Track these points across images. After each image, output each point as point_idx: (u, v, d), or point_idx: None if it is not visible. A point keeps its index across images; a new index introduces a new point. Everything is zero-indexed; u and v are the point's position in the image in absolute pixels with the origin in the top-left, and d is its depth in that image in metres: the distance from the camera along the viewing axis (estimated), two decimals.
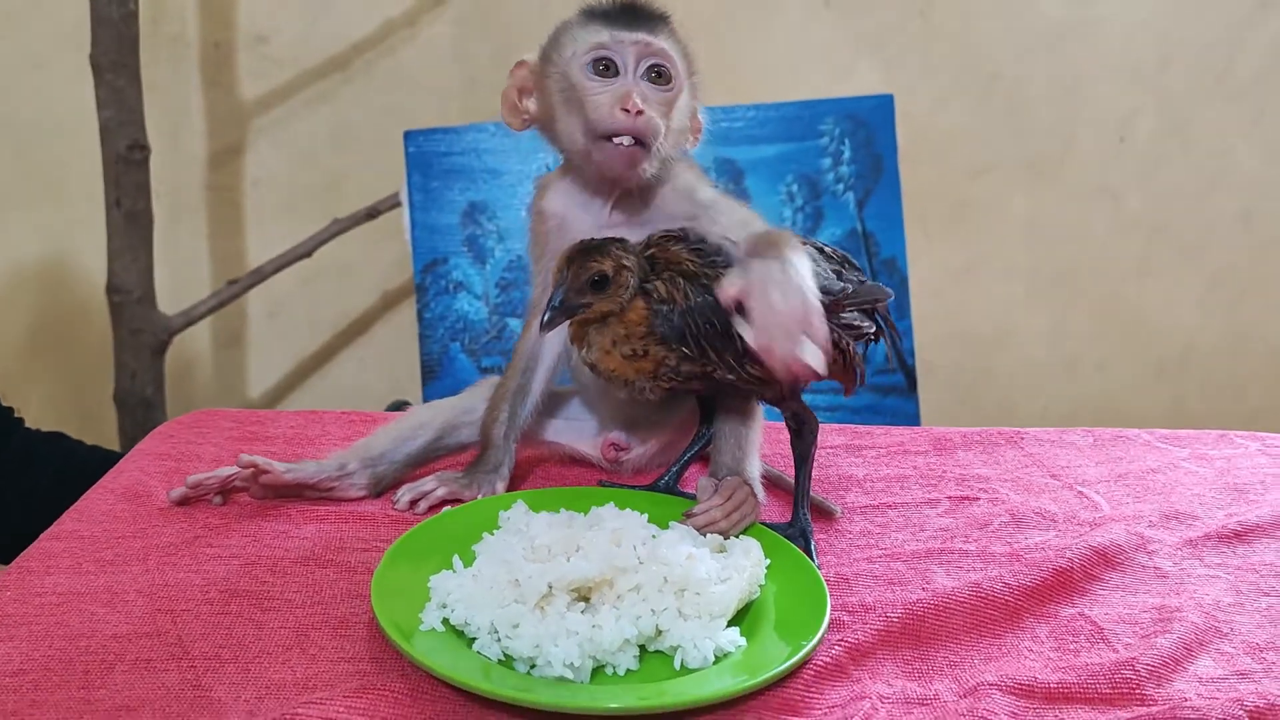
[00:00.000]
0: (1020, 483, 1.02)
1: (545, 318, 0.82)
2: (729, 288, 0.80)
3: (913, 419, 1.78)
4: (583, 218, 0.93)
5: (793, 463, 0.89)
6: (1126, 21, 2.13)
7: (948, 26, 2.13)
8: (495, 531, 0.81)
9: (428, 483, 0.93)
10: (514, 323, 1.82)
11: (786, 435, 0.90)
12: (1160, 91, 2.16)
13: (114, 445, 1.87)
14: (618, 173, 0.89)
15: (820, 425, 0.90)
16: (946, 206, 2.20)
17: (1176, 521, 0.94)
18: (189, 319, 1.84)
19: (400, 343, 2.19)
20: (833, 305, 0.86)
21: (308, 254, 1.92)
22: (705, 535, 0.81)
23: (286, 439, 1.07)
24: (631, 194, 0.92)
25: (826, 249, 0.92)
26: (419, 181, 1.82)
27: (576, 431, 1.03)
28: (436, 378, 1.82)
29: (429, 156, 1.83)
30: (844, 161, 1.83)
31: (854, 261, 0.94)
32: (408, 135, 1.82)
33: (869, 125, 1.83)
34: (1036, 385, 2.31)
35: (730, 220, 0.87)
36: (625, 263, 0.83)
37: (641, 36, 0.88)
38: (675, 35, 0.91)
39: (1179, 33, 2.13)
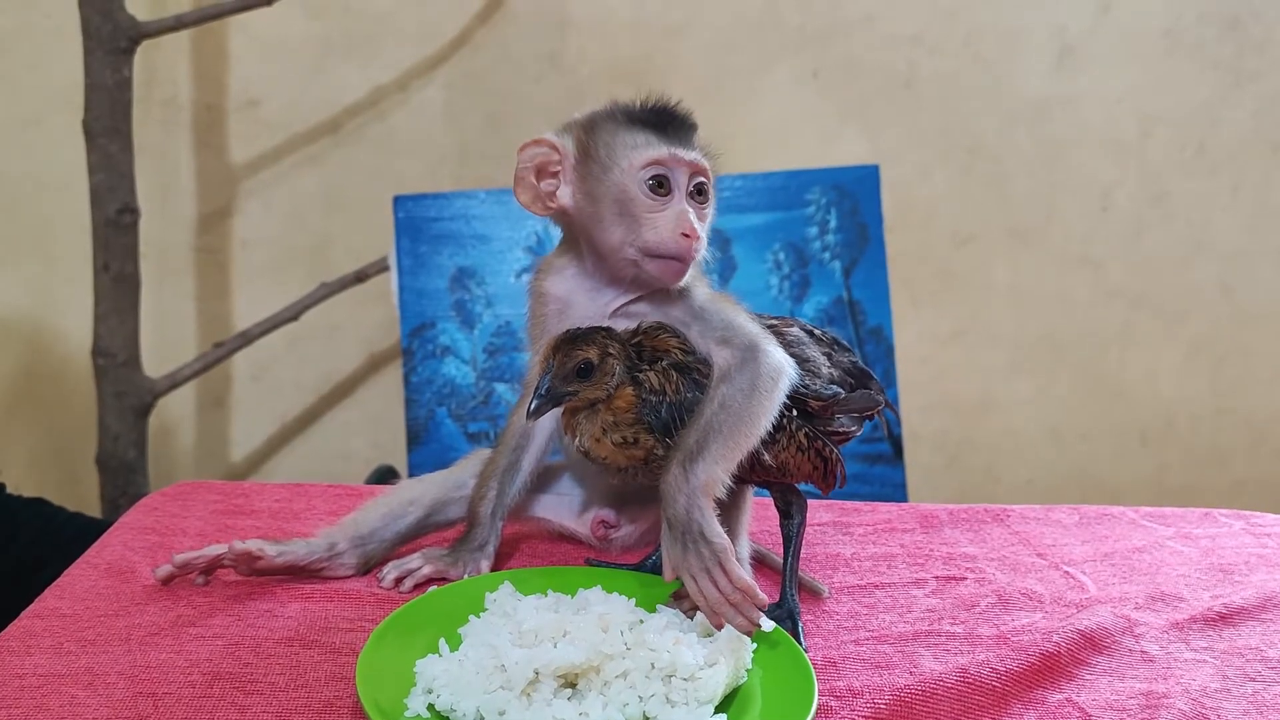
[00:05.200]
0: (1007, 562, 1.02)
1: (532, 405, 0.83)
2: (665, 570, 0.81)
3: (899, 487, 1.79)
4: (586, 304, 0.93)
5: (780, 541, 0.89)
6: (1106, 95, 2.17)
7: (932, 97, 2.16)
8: (481, 614, 0.80)
9: (413, 560, 0.93)
10: (501, 388, 1.82)
11: (774, 511, 0.90)
12: (1140, 163, 2.20)
13: (95, 508, 1.86)
14: (664, 284, 0.90)
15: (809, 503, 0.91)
16: (931, 274, 2.22)
17: (1163, 603, 0.94)
18: (173, 382, 1.83)
19: (386, 406, 2.19)
20: (821, 410, 0.87)
21: (294, 318, 1.92)
22: (692, 619, 0.80)
23: (271, 513, 1.07)
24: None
25: (816, 331, 0.93)
26: (408, 246, 1.83)
27: (565, 507, 1.03)
28: (422, 443, 1.81)
29: (418, 222, 1.84)
30: (830, 230, 1.85)
31: (843, 343, 0.94)
32: (397, 200, 1.83)
33: (855, 195, 1.86)
34: (1021, 454, 2.32)
35: (716, 323, 0.88)
36: (610, 350, 0.84)
37: (695, 157, 0.89)
38: (703, 143, 0.93)
39: (1158, 106, 2.17)
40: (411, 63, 2.13)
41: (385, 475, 1.86)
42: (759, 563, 0.98)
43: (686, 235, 0.87)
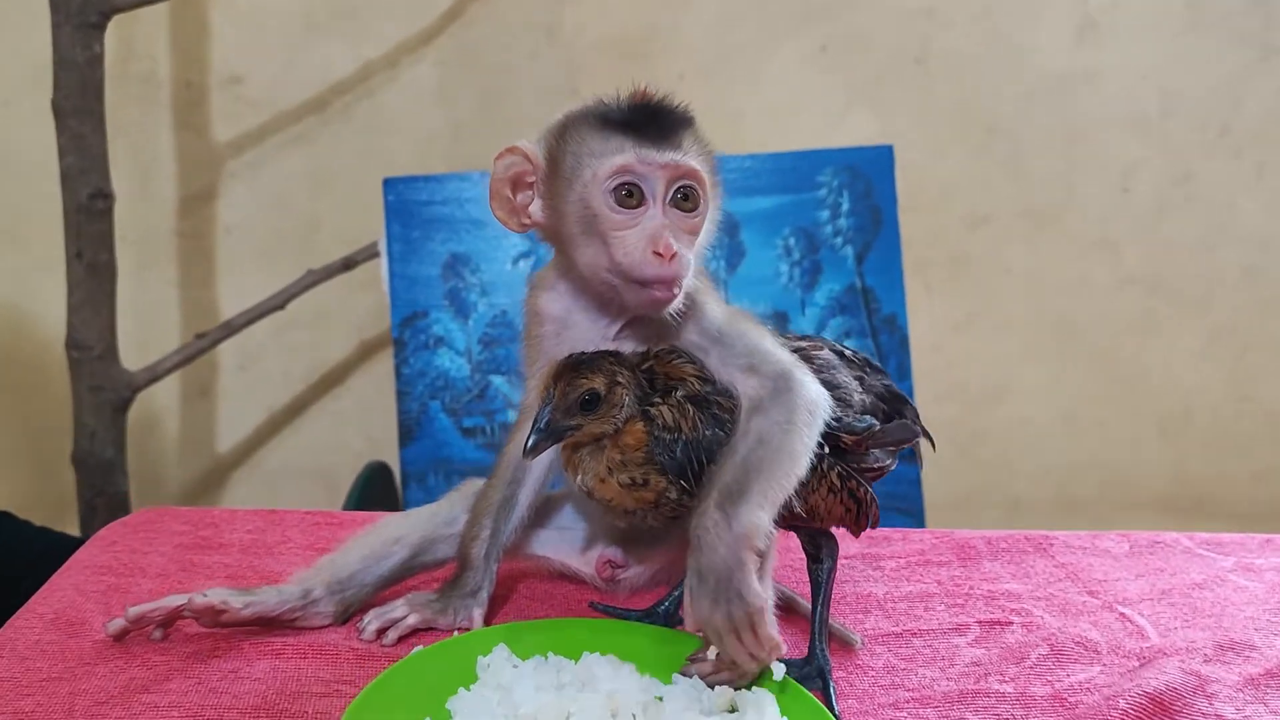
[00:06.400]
0: (1055, 602, 0.91)
1: (529, 442, 0.73)
2: (688, 621, 0.71)
3: (914, 484, 1.71)
4: (586, 326, 0.83)
5: (808, 581, 0.80)
6: (1129, 72, 2.08)
7: (945, 74, 2.07)
8: (473, 685, 0.71)
9: (398, 608, 0.83)
10: (497, 381, 1.74)
11: (797, 542, 0.81)
12: (1163, 142, 2.11)
13: (72, 508, 1.77)
14: (647, 312, 0.79)
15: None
16: (943, 258, 2.14)
17: (1233, 653, 0.83)
18: (153, 375, 1.74)
19: (378, 396, 2.11)
20: (855, 445, 0.77)
21: (280, 306, 1.83)
22: (713, 688, 0.71)
23: (242, 546, 0.96)
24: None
25: (846, 352, 0.83)
26: (398, 231, 1.74)
27: (567, 544, 0.92)
28: (415, 438, 1.73)
29: (409, 205, 1.75)
30: (842, 214, 1.76)
31: (876, 364, 0.85)
32: (387, 183, 1.74)
33: (868, 177, 1.77)
34: (1034, 443, 2.24)
35: (739, 349, 0.78)
36: (619, 379, 0.75)
37: (671, 158, 0.76)
38: (700, 139, 0.80)
39: (1182, 84, 2.08)
40: (402, 37, 2.03)
41: (376, 473, 1.78)
42: (785, 609, 0.87)
43: (660, 254, 0.74)
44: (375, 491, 1.78)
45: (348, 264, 1.83)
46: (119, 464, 1.72)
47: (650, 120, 0.77)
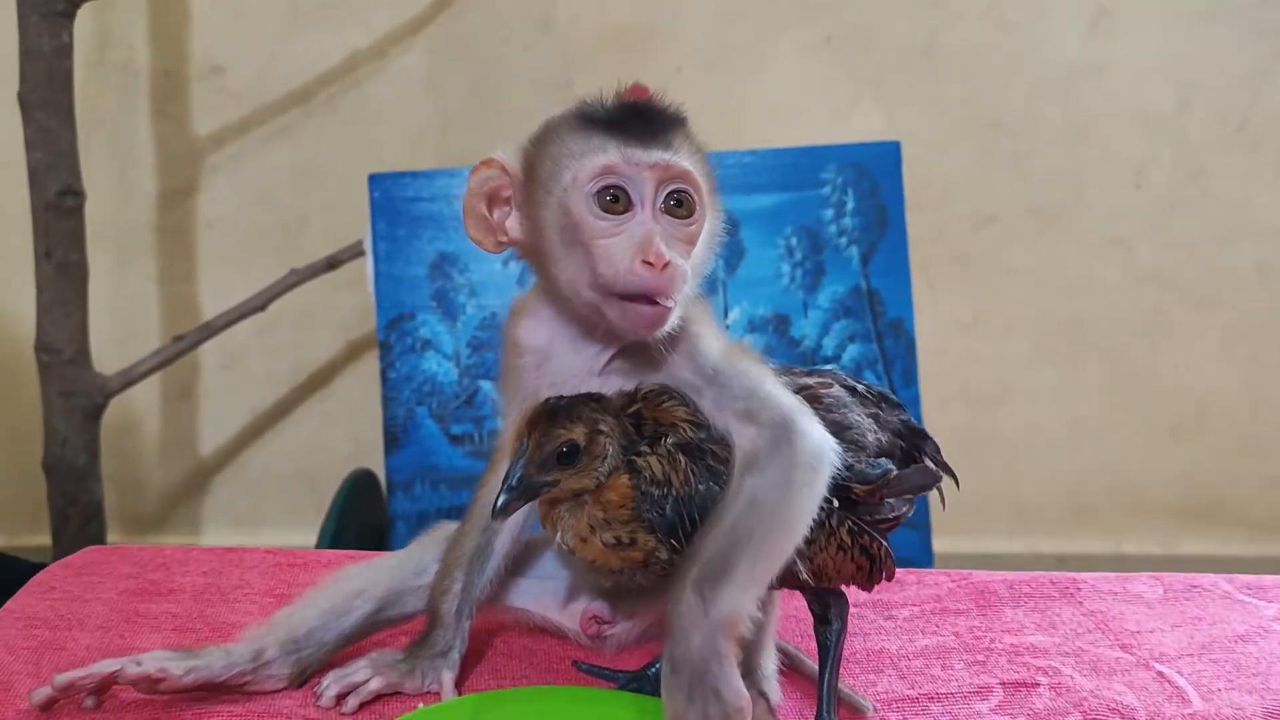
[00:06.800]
0: (1085, 658, 0.83)
1: (499, 501, 0.65)
2: (665, 713, 0.62)
3: (921, 498, 1.64)
4: (570, 358, 0.74)
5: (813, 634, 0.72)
6: (1142, 63, 2.01)
7: (953, 67, 2.00)
8: None
9: (359, 670, 0.75)
10: (486, 386, 1.67)
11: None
12: (1177, 137, 2.04)
13: (44, 518, 1.70)
14: (636, 334, 0.70)
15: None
16: (948, 257, 2.07)
17: None
18: (128, 379, 1.67)
19: (365, 397, 2.04)
20: (867, 495, 0.69)
21: (261, 307, 1.76)
22: None
23: (195, 592, 0.88)
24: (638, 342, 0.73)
25: (859, 387, 0.75)
26: (384, 229, 1.67)
27: (548, 595, 0.83)
28: (401, 445, 1.66)
29: (395, 202, 1.68)
30: (847, 213, 1.69)
31: (892, 398, 0.76)
32: (373, 179, 1.67)
33: (874, 174, 1.70)
34: (1042, 448, 2.17)
35: (736, 391, 0.69)
36: (602, 427, 0.66)
37: (660, 157, 0.68)
38: (692, 140, 0.71)
39: (1198, 76, 2.01)
40: (390, 26, 1.97)
41: (361, 481, 1.71)
42: (788, 669, 0.79)
43: (649, 263, 0.66)
44: (360, 501, 1.72)
45: (332, 263, 1.76)
46: (92, 471, 1.65)
47: (636, 118, 0.70)
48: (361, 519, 1.73)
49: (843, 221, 1.69)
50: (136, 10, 1.91)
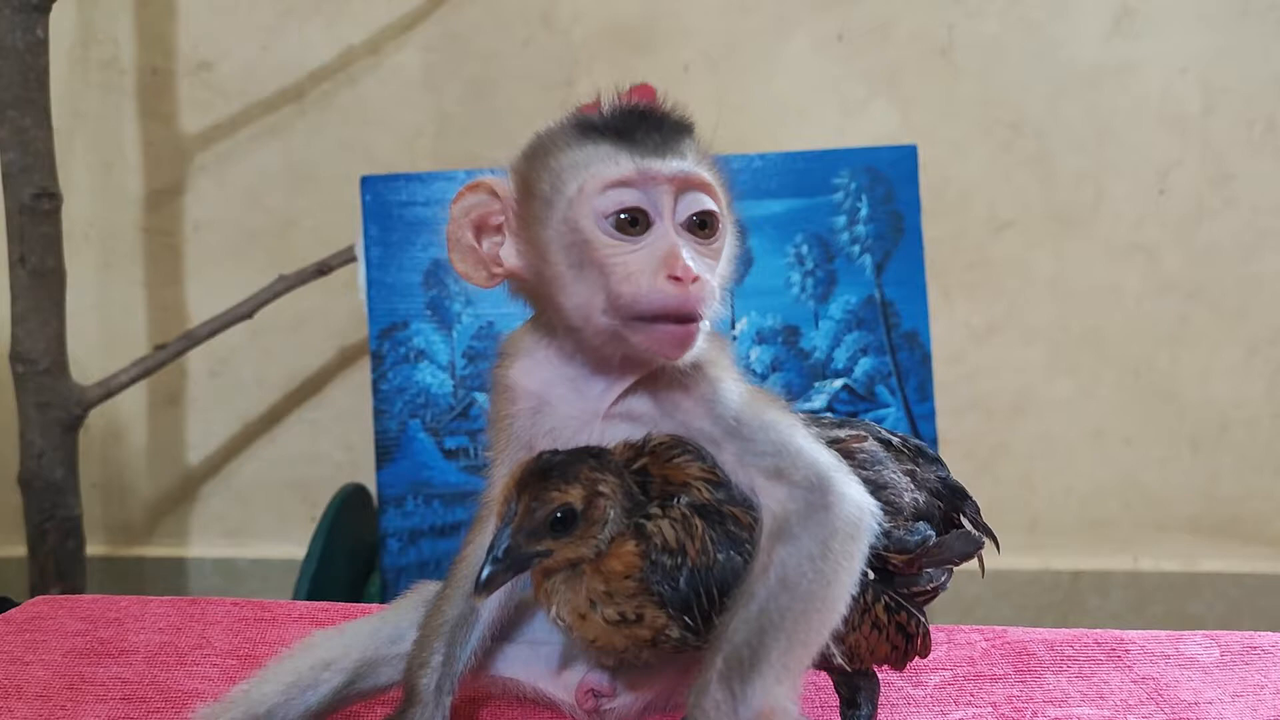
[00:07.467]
0: None
1: (482, 574, 0.57)
2: None
3: None
4: (570, 401, 0.66)
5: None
6: (1168, 64, 1.93)
7: (971, 67, 1.93)
8: None
9: None
10: (482, 398, 1.60)
11: None
12: (1203, 141, 1.96)
13: (19, 535, 1.63)
14: (664, 358, 0.61)
15: None
16: (964, 264, 2.00)
17: None
18: (107, 390, 1.60)
19: (357, 406, 1.98)
20: (905, 565, 0.61)
21: (248, 315, 1.69)
22: None
23: (149, 652, 0.80)
24: (651, 375, 0.65)
25: (894, 440, 0.67)
26: (376, 235, 1.60)
27: (541, 662, 0.74)
28: (393, 459, 1.59)
29: (388, 206, 1.61)
30: (860, 220, 1.62)
31: (929, 452, 0.69)
32: (364, 181, 1.60)
33: (889, 179, 1.62)
34: (1059, 460, 2.10)
35: (763, 445, 0.61)
36: (601, 489, 0.59)
37: (679, 167, 0.61)
38: (704, 152, 0.64)
39: (1225, 78, 1.94)
40: (385, 21, 1.91)
41: (352, 497, 1.64)
42: None
43: (677, 278, 0.58)
44: (351, 517, 1.65)
45: (322, 270, 1.69)
46: (70, 486, 1.58)
47: (643, 125, 0.62)
48: (352, 536, 1.66)
49: (856, 229, 1.62)
50: (121, 4, 1.86)
